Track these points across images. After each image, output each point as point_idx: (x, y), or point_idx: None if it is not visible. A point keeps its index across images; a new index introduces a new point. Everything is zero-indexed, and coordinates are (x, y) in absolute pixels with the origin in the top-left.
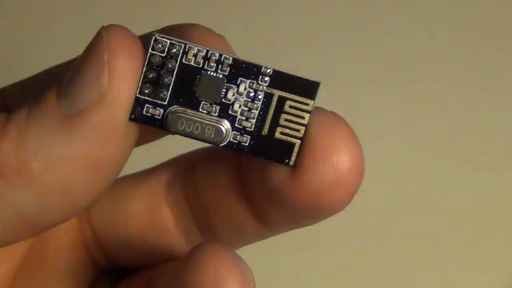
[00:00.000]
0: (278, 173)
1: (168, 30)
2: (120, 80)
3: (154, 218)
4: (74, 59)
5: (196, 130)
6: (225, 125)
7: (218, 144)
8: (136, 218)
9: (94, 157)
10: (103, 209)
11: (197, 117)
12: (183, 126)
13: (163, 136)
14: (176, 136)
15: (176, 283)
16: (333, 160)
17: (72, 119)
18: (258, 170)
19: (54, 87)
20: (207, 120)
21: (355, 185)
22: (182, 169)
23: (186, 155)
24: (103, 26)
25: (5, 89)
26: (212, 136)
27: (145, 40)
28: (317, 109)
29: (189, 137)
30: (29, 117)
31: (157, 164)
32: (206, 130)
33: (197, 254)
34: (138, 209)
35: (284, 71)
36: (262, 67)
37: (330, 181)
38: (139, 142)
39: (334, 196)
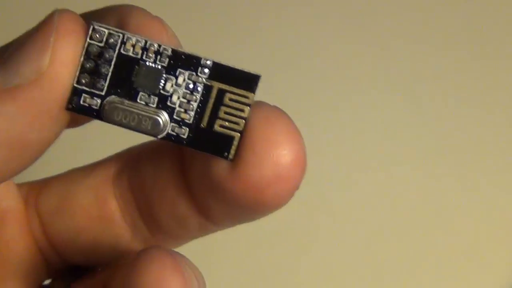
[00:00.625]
0: (218, 167)
1: (104, 12)
2: (61, 64)
3: (101, 210)
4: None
5: (133, 121)
6: (163, 116)
7: (156, 136)
8: (84, 209)
9: (16, 135)
10: (52, 200)
11: (134, 108)
12: (120, 117)
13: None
14: (124, 129)
15: (125, 285)
16: (273, 155)
17: (3, 92)
18: (199, 163)
19: None
20: (145, 112)
21: (296, 180)
22: (128, 161)
23: (133, 148)
24: (57, 9)
25: None
26: (149, 127)
27: (85, 19)
28: (259, 102)
29: (127, 128)
30: None
31: (104, 157)
32: (143, 122)
33: (142, 259)
34: (85, 200)
35: (224, 64)
36: (201, 58)
37: (270, 175)
38: (68, 126)
39: (274, 191)
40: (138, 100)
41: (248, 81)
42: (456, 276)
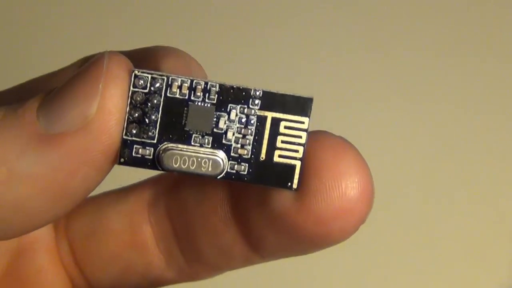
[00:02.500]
0: (280, 198)
1: (138, 55)
2: (109, 113)
3: (135, 236)
4: (62, 70)
5: (192, 165)
6: (221, 155)
7: (216, 177)
8: (117, 235)
9: (59, 183)
10: (83, 225)
11: (190, 152)
12: (178, 163)
13: None
14: None
15: None
16: (342, 186)
17: (47, 139)
18: (256, 194)
19: (37, 99)
20: (202, 154)
21: (363, 214)
22: (166, 187)
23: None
24: (106, 52)
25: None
26: (210, 169)
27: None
28: (323, 132)
29: (185, 174)
30: (2, 122)
31: (139, 180)
32: (203, 164)
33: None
34: (119, 226)
35: (274, 91)
36: (251, 90)
37: (337, 207)
38: None
39: (339, 224)
40: (192, 143)
41: (301, 105)
42: (456, 276)
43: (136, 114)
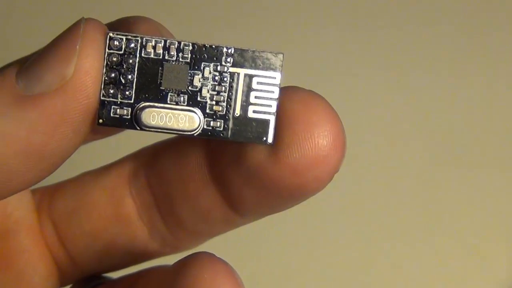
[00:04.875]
0: (256, 153)
1: (112, 25)
2: (86, 73)
3: (117, 210)
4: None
5: (170, 121)
6: (197, 112)
7: (193, 134)
8: (99, 210)
9: (36, 143)
10: (66, 203)
11: (167, 109)
12: (156, 119)
13: (112, 134)
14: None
15: None
16: (314, 135)
17: (25, 100)
18: (231, 152)
19: (15, 65)
20: (179, 110)
21: (337, 161)
22: (145, 159)
23: (149, 147)
24: (83, 18)
25: None
26: (187, 124)
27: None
28: (294, 87)
29: (163, 131)
30: None
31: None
32: (180, 120)
33: (191, 264)
34: (100, 201)
35: (246, 48)
36: (223, 47)
37: (311, 157)
38: (89, 139)
39: (314, 173)
40: (168, 101)
41: (272, 61)
42: (456, 276)
43: (113, 75)
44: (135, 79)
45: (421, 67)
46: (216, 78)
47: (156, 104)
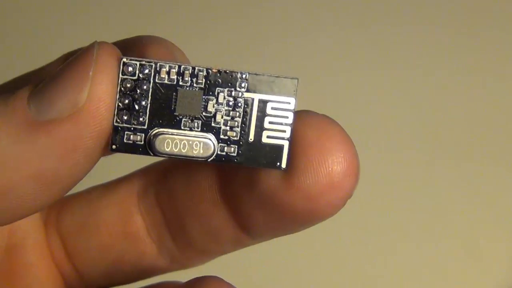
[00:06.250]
0: (269, 178)
1: (124, 45)
2: (99, 100)
3: (126, 227)
4: (49, 64)
5: (184, 148)
6: (211, 138)
7: (207, 160)
8: (108, 226)
9: (48, 169)
10: (74, 219)
11: (181, 135)
12: (170, 146)
13: None
14: None
15: None
16: (328, 162)
17: (37, 125)
18: (244, 175)
19: (27, 88)
20: (192, 136)
21: (350, 188)
22: (155, 176)
23: (159, 163)
24: (96, 42)
25: None
26: (201, 151)
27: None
28: (308, 111)
29: (177, 157)
30: None
31: (128, 173)
32: (194, 146)
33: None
34: (109, 217)
35: (260, 74)
36: (237, 73)
37: (325, 183)
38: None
39: (328, 199)
40: (182, 127)
41: (287, 86)
42: (456, 276)
43: (126, 101)
44: (148, 105)
45: (421, 67)
46: (230, 103)
47: (170, 131)
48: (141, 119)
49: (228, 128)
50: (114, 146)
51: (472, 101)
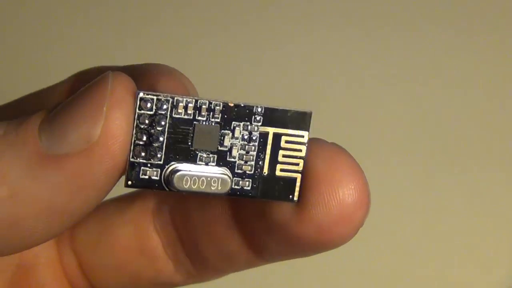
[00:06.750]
0: (281, 209)
1: (131, 72)
2: (113, 137)
3: (142, 243)
4: (59, 84)
5: (202, 185)
6: (228, 173)
7: (222, 195)
8: (123, 243)
9: (58, 204)
10: (89, 235)
11: (199, 172)
12: (189, 184)
13: None
14: None
15: None
16: (339, 194)
17: (48, 159)
18: (256, 205)
19: (38, 115)
20: (211, 173)
21: (361, 218)
22: (169, 195)
23: None
24: (110, 72)
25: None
26: (220, 188)
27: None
28: (318, 140)
29: (194, 194)
30: (3, 140)
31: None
32: (212, 183)
33: None
34: (125, 234)
35: (275, 107)
36: (253, 107)
37: (337, 215)
38: None
39: (339, 231)
40: (198, 162)
41: (301, 120)
42: (456, 276)
43: (144, 137)
44: (165, 140)
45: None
46: (246, 137)
47: (187, 166)
48: (157, 154)
49: (243, 162)
50: (130, 182)
51: (474, 103)
